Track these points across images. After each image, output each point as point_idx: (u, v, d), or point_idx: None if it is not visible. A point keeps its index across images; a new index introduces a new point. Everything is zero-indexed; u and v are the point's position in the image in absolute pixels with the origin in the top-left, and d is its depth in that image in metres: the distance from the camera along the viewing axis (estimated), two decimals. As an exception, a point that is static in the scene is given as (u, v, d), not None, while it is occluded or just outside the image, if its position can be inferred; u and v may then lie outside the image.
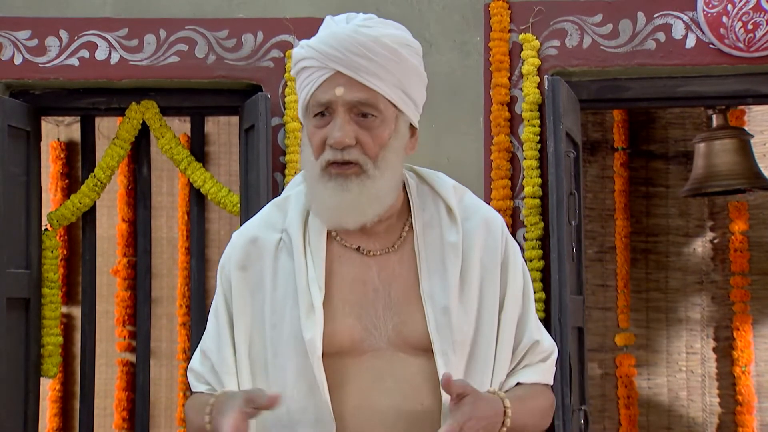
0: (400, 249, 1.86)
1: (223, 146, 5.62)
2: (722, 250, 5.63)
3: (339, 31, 1.79)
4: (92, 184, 4.39)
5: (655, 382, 5.65)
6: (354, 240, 1.86)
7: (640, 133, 5.73)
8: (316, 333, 1.76)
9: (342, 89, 1.76)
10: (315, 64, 1.79)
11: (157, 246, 5.41)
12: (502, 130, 4.13)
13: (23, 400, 4.22)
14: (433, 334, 1.78)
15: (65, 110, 4.61)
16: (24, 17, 4.20)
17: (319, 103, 1.79)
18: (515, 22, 4.17)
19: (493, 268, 1.87)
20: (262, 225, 1.92)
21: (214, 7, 4.24)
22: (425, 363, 1.79)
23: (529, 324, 1.92)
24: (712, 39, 4.09)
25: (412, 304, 1.82)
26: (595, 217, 5.66)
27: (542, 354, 1.93)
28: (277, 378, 1.80)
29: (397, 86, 1.80)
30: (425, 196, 1.92)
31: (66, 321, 5.50)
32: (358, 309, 1.81)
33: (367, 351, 1.79)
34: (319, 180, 1.79)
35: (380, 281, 1.83)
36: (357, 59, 1.76)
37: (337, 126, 1.76)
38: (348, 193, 1.77)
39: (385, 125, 1.80)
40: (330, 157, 1.77)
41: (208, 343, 1.91)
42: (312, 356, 1.75)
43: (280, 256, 1.86)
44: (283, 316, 1.81)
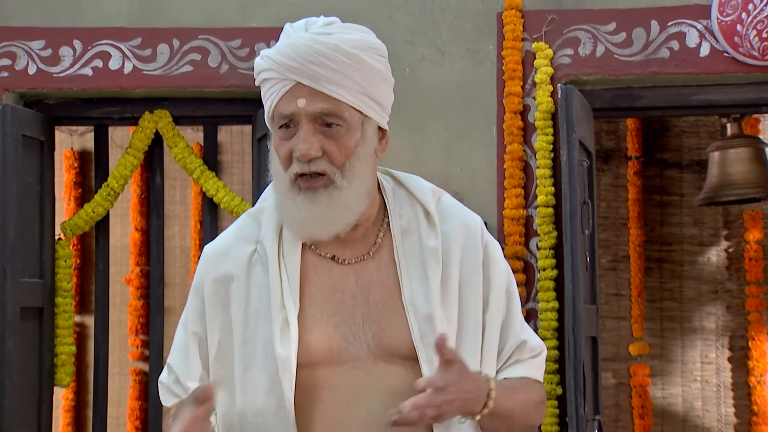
0: (377, 255, 1.83)
1: (235, 155, 5.63)
2: (737, 259, 5.60)
3: (297, 41, 1.76)
4: (105, 193, 4.40)
5: (670, 392, 5.62)
6: (329, 249, 1.82)
7: (653, 141, 5.71)
8: (291, 350, 1.73)
9: (304, 101, 1.74)
10: (275, 75, 1.77)
11: (170, 255, 5.41)
12: (515, 138, 4.12)
13: (36, 409, 4.22)
14: (417, 343, 1.75)
15: (79, 120, 4.62)
16: (38, 27, 4.22)
17: (283, 116, 1.77)
18: (528, 31, 4.16)
19: (474, 270, 1.84)
20: (237, 237, 1.89)
21: (227, 17, 4.24)
22: (407, 371, 1.76)
23: (514, 325, 1.89)
24: (726, 47, 4.07)
25: (392, 311, 1.78)
26: (608, 226, 5.64)
27: (531, 352, 1.90)
28: (248, 393, 1.77)
29: (360, 92, 1.77)
30: (402, 200, 1.88)
31: (79, 330, 5.51)
32: (335, 318, 1.77)
33: (346, 361, 1.76)
34: (288, 193, 1.77)
35: (358, 289, 1.79)
36: (317, 69, 1.73)
37: (302, 138, 1.74)
38: (317, 206, 1.75)
39: (351, 133, 1.77)
40: (297, 169, 1.75)
41: (174, 356, 1.90)
42: (283, 372, 1.72)
43: (254, 268, 1.83)
44: (256, 330, 1.78)
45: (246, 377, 1.77)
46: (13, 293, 4.03)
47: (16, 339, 4.04)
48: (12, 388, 3.99)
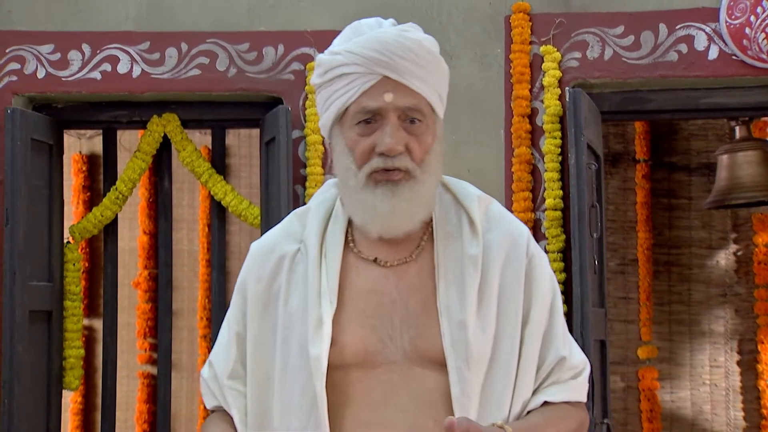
0: (419, 259, 1.81)
1: (243, 159, 5.63)
2: (746, 263, 5.59)
3: (383, 36, 1.75)
4: (114, 196, 4.40)
5: (679, 395, 5.61)
6: (371, 251, 1.81)
7: (662, 144, 5.70)
8: (322, 350, 1.71)
9: (391, 95, 1.72)
10: (358, 69, 1.74)
11: (178, 258, 5.42)
12: (523, 142, 4.11)
13: (45, 412, 4.23)
14: (447, 349, 1.72)
15: (87, 123, 4.63)
16: (47, 31, 4.23)
17: (366, 110, 1.74)
18: (536, 34, 4.16)
19: (515, 282, 1.80)
20: (282, 235, 1.88)
21: (235, 21, 4.25)
22: (441, 378, 1.73)
23: (555, 340, 1.83)
24: (734, 50, 4.06)
25: (429, 317, 1.76)
26: (616, 230, 5.63)
27: (572, 371, 1.84)
28: (284, 393, 1.76)
29: (436, 91, 1.78)
30: (448, 205, 1.86)
31: (88, 333, 5.52)
32: (373, 320, 1.76)
33: (381, 364, 1.74)
34: (364, 188, 1.74)
35: (398, 292, 1.78)
36: (405, 63, 1.73)
37: (389, 133, 1.72)
38: (399, 199, 1.73)
39: (429, 130, 1.77)
40: (380, 164, 1.73)
41: (216, 353, 1.89)
42: (316, 373, 1.71)
43: (297, 268, 1.82)
44: (293, 330, 1.77)
45: (283, 377, 1.77)
46: (22, 297, 4.04)
47: (25, 342, 4.05)
48: (21, 391, 4.00)
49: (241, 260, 6.18)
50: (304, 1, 4.26)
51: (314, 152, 4.13)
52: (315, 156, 4.13)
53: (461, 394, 1.70)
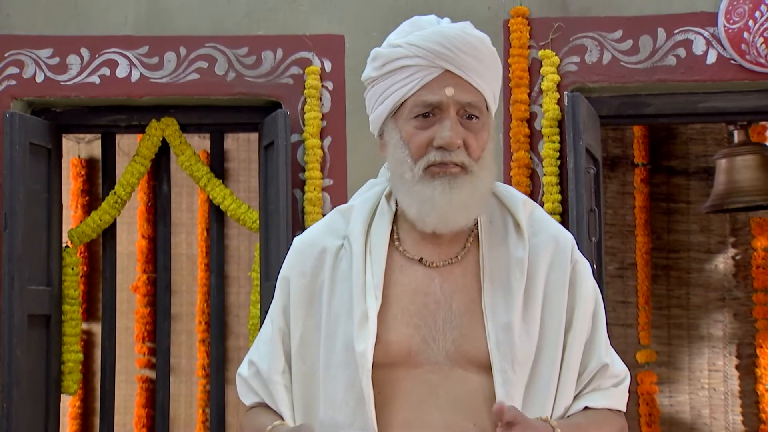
0: (464, 260, 1.80)
1: (242, 163, 5.63)
2: (744, 267, 5.59)
3: (447, 30, 1.76)
4: (112, 201, 4.40)
5: (677, 399, 5.61)
6: (417, 250, 1.80)
7: (660, 148, 5.71)
8: (368, 345, 1.70)
9: (452, 89, 1.72)
10: (420, 62, 1.74)
11: (177, 262, 5.42)
12: (521, 146, 4.12)
13: (44, 416, 4.22)
14: (492, 351, 1.71)
15: (86, 127, 4.63)
16: (45, 35, 4.23)
17: (426, 104, 1.73)
18: (535, 39, 4.17)
19: (559, 286, 1.79)
20: (325, 231, 1.87)
21: (234, 25, 4.25)
22: (483, 380, 1.72)
23: (598, 347, 1.83)
24: (733, 55, 4.07)
25: (473, 319, 1.75)
26: (615, 234, 5.63)
27: (614, 378, 1.83)
28: (329, 389, 1.74)
29: (491, 89, 1.79)
30: (493, 208, 1.85)
31: (86, 337, 5.52)
32: (417, 320, 1.75)
33: (423, 364, 1.73)
34: (421, 180, 1.73)
35: (442, 293, 1.76)
36: (467, 59, 1.74)
37: (448, 127, 1.72)
38: (458, 191, 1.72)
39: (485, 128, 1.78)
40: (438, 158, 1.72)
41: (258, 350, 1.87)
42: (362, 369, 1.69)
43: (340, 263, 1.81)
44: (338, 325, 1.76)
45: (327, 373, 1.75)
46: (21, 301, 4.04)
47: (24, 346, 4.05)
48: (19, 395, 4.00)
49: (240, 264, 6.16)
50: (303, 6, 4.26)
51: (313, 156, 4.13)
52: (314, 160, 4.13)
53: (506, 396, 1.69)
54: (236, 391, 1.96)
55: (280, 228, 4.00)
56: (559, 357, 1.77)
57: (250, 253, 5.44)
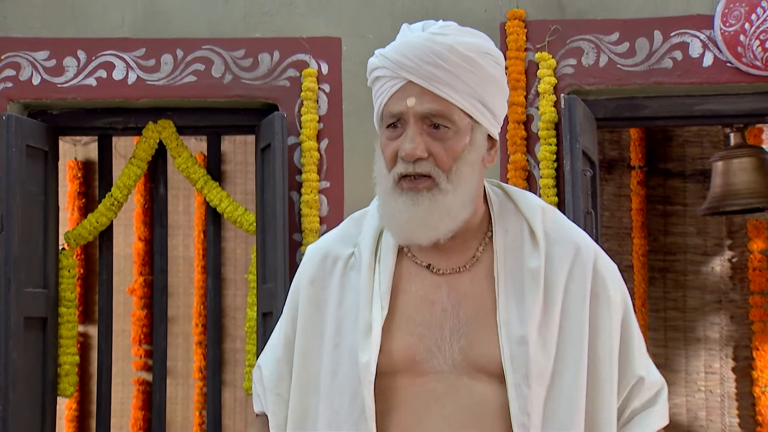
0: (474, 268, 1.77)
1: (239, 165, 5.63)
2: (741, 269, 5.59)
3: (412, 40, 1.73)
4: (109, 203, 4.40)
5: (674, 402, 5.61)
6: (425, 257, 1.78)
7: (657, 151, 5.71)
8: (371, 357, 1.69)
9: (413, 99, 1.70)
10: (387, 73, 1.73)
11: (174, 265, 5.42)
12: (518, 148, 4.12)
13: (40, 419, 4.22)
14: (506, 365, 1.68)
15: (82, 130, 4.63)
16: (42, 38, 4.23)
17: (391, 114, 1.72)
18: (531, 41, 4.17)
19: (580, 297, 1.74)
20: (337, 239, 1.86)
21: (231, 27, 4.25)
22: (491, 390, 1.70)
23: (631, 358, 1.79)
24: (729, 57, 4.07)
25: (483, 327, 1.72)
26: (612, 236, 5.64)
27: (649, 392, 1.80)
28: (334, 399, 1.74)
29: (472, 96, 1.72)
30: (509, 215, 1.81)
31: (83, 340, 5.52)
32: (422, 328, 1.73)
33: (428, 372, 1.71)
34: (391, 194, 1.72)
35: (449, 301, 1.74)
36: (430, 68, 1.70)
37: (408, 138, 1.69)
38: (418, 208, 1.69)
39: (459, 137, 1.72)
40: (402, 170, 1.70)
41: (265, 355, 1.89)
42: (363, 380, 1.69)
43: (350, 272, 1.80)
44: (345, 335, 1.75)
45: (333, 382, 1.75)
46: (17, 303, 4.03)
47: (20, 349, 4.04)
48: (15, 398, 3.99)
49: (237, 266, 6.17)
50: (299, 8, 4.26)
51: (310, 159, 4.13)
52: (310, 162, 4.13)
53: (520, 411, 1.66)
54: (232, 394, 1.96)
55: (276, 230, 4.00)
56: (583, 371, 1.71)
57: (246, 255, 5.44)
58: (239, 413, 5.42)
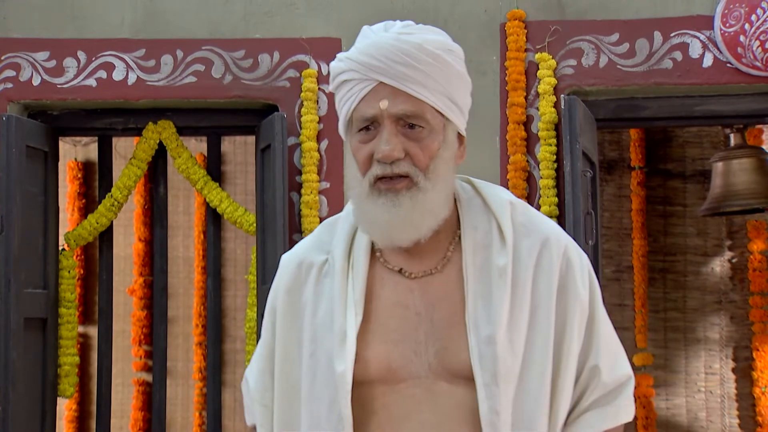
0: (445, 270, 1.75)
1: (239, 166, 5.63)
2: (741, 270, 5.59)
3: (379, 40, 1.72)
4: (109, 203, 4.40)
5: (674, 402, 5.61)
6: (397, 261, 1.76)
7: (657, 151, 5.71)
8: (347, 366, 1.68)
9: (386, 102, 1.68)
10: (356, 76, 1.71)
11: (174, 265, 5.42)
12: (518, 149, 4.12)
13: (40, 419, 4.22)
14: (475, 365, 1.66)
15: (83, 130, 4.63)
16: (42, 38, 4.23)
17: (364, 118, 1.70)
18: (531, 42, 4.17)
19: (547, 293, 1.72)
20: (311, 246, 1.84)
21: (231, 28, 4.26)
22: (467, 393, 1.68)
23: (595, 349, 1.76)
24: (729, 58, 4.07)
25: (455, 331, 1.70)
26: (612, 236, 5.63)
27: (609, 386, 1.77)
28: (313, 408, 1.73)
29: (443, 94, 1.71)
30: (477, 211, 1.79)
31: (83, 340, 5.52)
32: (396, 334, 1.71)
33: (405, 379, 1.70)
34: (368, 197, 1.70)
35: (423, 305, 1.72)
36: (400, 68, 1.68)
37: (384, 139, 1.68)
38: (400, 209, 1.68)
39: (434, 135, 1.71)
40: (378, 171, 1.69)
41: (251, 367, 1.89)
42: (340, 390, 1.67)
43: (324, 279, 1.78)
44: (322, 343, 1.74)
45: (312, 391, 1.74)
46: (17, 304, 4.03)
47: (20, 349, 4.04)
48: (15, 398, 3.99)
49: (237, 267, 6.16)
50: (299, 9, 4.26)
51: (310, 159, 4.13)
52: (311, 163, 4.13)
53: (489, 411, 1.65)
54: (232, 394, 1.96)
55: (276, 231, 4.00)
56: (548, 370, 1.70)
57: (246, 256, 5.44)
58: (239, 414, 5.41)
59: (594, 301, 1.78)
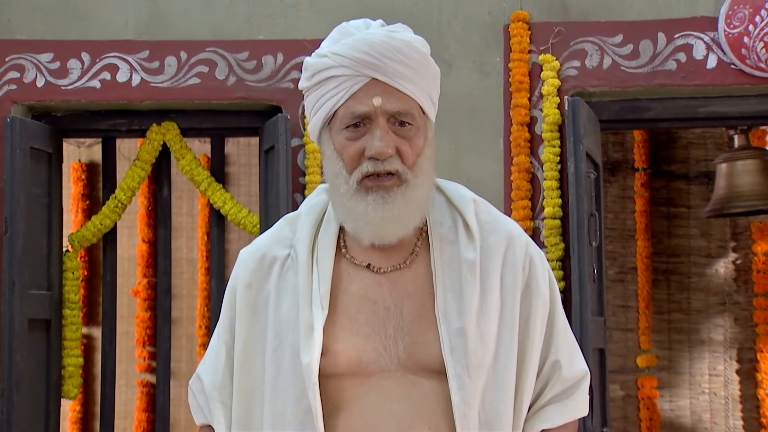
0: (413, 265, 1.76)
1: (243, 167, 5.64)
2: (745, 271, 5.59)
3: (370, 37, 1.72)
4: (113, 205, 4.40)
5: (678, 404, 5.60)
6: (364, 257, 1.76)
7: (660, 153, 5.71)
8: (313, 357, 1.67)
9: (380, 99, 1.68)
10: (346, 72, 1.70)
11: (177, 267, 5.42)
12: (522, 150, 4.12)
13: (44, 421, 4.22)
14: (446, 357, 1.68)
15: (87, 132, 4.64)
16: (46, 40, 4.24)
17: (354, 114, 1.69)
18: (535, 43, 4.17)
19: (513, 287, 1.76)
20: (272, 241, 1.83)
21: (235, 29, 4.26)
22: (437, 385, 1.69)
23: (555, 343, 1.80)
24: (733, 59, 4.07)
25: (425, 324, 1.71)
26: (615, 238, 5.63)
27: (569, 381, 1.80)
28: (277, 403, 1.72)
29: (426, 92, 1.74)
30: (442, 208, 1.81)
31: (86, 342, 5.52)
32: (366, 329, 1.71)
33: (375, 372, 1.70)
34: (355, 194, 1.70)
35: (392, 299, 1.73)
36: (394, 65, 1.69)
37: (378, 136, 1.68)
38: (392, 206, 1.69)
39: (420, 133, 1.72)
40: (370, 168, 1.68)
41: (204, 364, 1.84)
42: (308, 382, 1.67)
43: (287, 274, 1.77)
44: (285, 337, 1.73)
45: (275, 386, 1.72)
46: (21, 305, 4.04)
47: (24, 351, 4.05)
48: (20, 399, 4.00)
49: (240, 269, 6.05)
50: (303, 10, 4.26)
51: (313, 160, 4.14)
52: (314, 164, 4.13)
53: (461, 402, 1.67)
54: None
55: (280, 232, 4.00)
56: (513, 362, 1.73)
57: (250, 257, 5.43)
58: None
59: (554, 299, 1.83)
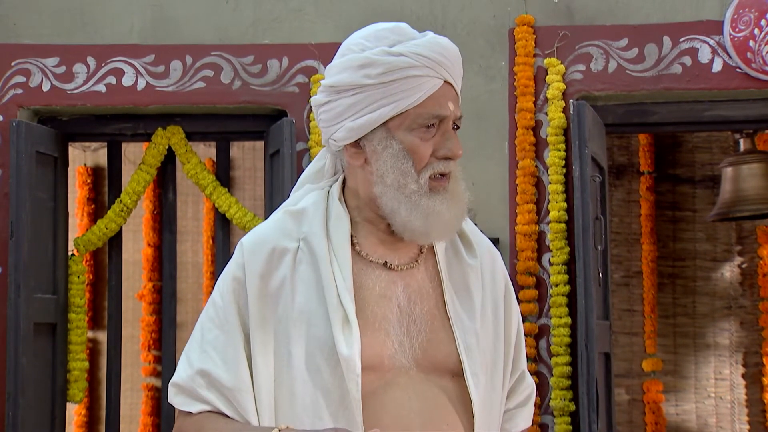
0: (423, 264, 1.81)
1: (248, 171, 5.64)
2: (751, 275, 5.58)
3: (442, 40, 1.78)
4: (118, 209, 4.41)
5: (684, 408, 5.59)
6: (377, 254, 1.79)
7: (666, 157, 5.70)
8: (354, 351, 1.67)
9: (452, 103, 1.77)
10: (429, 73, 1.73)
11: (183, 271, 5.43)
12: (527, 154, 4.12)
13: (49, 425, 4.22)
14: (463, 357, 1.73)
15: (92, 136, 4.64)
16: (52, 44, 4.25)
17: (433, 115, 1.74)
18: (540, 47, 4.17)
19: (498, 296, 1.87)
20: (279, 233, 1.80)
21: (240, 33, 4.26)
22: (449, 383, 1.74)
23: (521, 354, 1.92)
24: (738, 63, 4.06)
25: (437, 323, 1.76)
26: (621, 242, 5.63)
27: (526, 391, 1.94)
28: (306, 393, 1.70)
29: None
30: None
31: (92, 346, 5.52)
32: (386, 324, 1.74)
33: (392, 369, 1.72)
34: (423, 194, 1.74)
35: (405, 297, 1.76)
36: (457, 70, 1.78)
37: (454, 139, 1.77)
38: (457, 203, 1.78)
39: None
40: (442, 168, 1.76)
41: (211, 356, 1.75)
42: (350, 374, 1.67)
43: (299, 267, 1.76)
44: (306, 329, 1.72)
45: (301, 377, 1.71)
46: (27, 309, 4.04)
47: (30, 355, 4.05)
48: (25, 403, 4.00)
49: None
50: (308, 14, 4.27)
51: (318, 165, 4.13)
52: (319, 168, 4.13)
53: (479, 400, 1.74)
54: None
55: (285, 236, 4.00)
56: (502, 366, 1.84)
57: (255, 261, 5.44)
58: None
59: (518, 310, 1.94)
